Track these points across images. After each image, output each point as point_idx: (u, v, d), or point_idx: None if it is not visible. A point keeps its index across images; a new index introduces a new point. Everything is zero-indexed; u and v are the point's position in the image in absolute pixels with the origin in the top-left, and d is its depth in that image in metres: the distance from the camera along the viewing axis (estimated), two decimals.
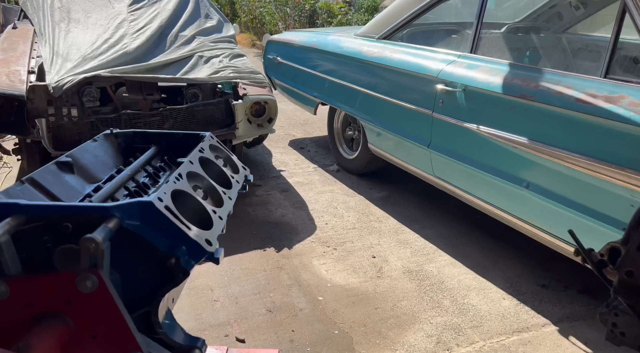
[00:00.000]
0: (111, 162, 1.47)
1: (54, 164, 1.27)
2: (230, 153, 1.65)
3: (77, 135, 3.65)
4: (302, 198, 4.20)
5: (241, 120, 3.92)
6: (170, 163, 1.57)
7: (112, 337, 0.99)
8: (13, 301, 0.94)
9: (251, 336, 2.51)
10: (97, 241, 0.92)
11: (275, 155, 5.33)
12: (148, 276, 1.09)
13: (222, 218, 1.26)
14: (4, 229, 0.93)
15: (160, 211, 1.06)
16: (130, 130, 1.62)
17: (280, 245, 3.42)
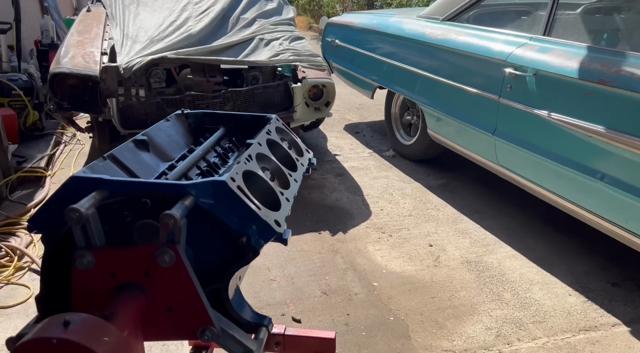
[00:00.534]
0: (182, 142, 1.50)
1: (131, 142, 1.32)
2: (294, 136, 1.65)
3: (144, 115, 3.79)
4: (357, 183, 4.18)
5: (299, 104, 3.93)
6: (237, 144, 1.59)
7: (187, 310, 1.02)
8: (98, 271, 0.99)
9: (306, 317, 2.54)
10: (176, 217, 0.94)
11: (331, 139, 5.32)
12: (219, 253, 1.11)
13: (289, 200, 1.27)
14: (90, 203, 0.98)
15: (233, 190, 1.07)
16: (200, 111, 1.66)
17: (335, 229, 3.42)
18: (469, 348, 2.34)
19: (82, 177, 1.04)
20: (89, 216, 0.96)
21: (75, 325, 0.82)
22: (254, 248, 1.08)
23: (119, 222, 1.06)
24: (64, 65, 3.48)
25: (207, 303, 1.03)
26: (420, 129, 4.40)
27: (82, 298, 1.01)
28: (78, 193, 1.03)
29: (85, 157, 4.68)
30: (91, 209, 0.97)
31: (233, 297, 1.15)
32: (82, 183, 1.04)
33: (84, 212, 0.94)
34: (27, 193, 3.90)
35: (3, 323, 2.47)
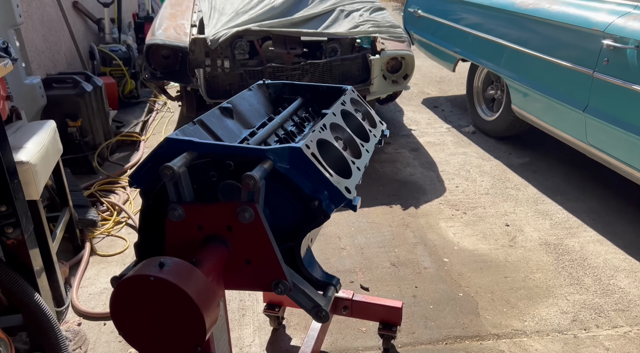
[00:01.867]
0: (263, 110, 1.59)
1: (217, 109, 1.42)
2: (369, 107, 1.68)
3: (228, 85, 3.97)
4: (432, 159, 4.11)
5: (376, 76, 3.91)
6: (314, 114, 1.65)
7: (263, 263, 1.11)
8: (188, 223, 1.10)
9: (374, 286, 2.61)
10: (256, 178, 1.02)
11: (407, 113, 5.25)
12: (294, 215, 1.19)
13: (359, 169, 1.31)
14: (182, 162, 1.08)
15: (307, 157, 1.13)
16: (280, 81, 1.73)
17: (407, 203, 3.42)
18: (541, 330, 2.29)
19: (175, 139, 1.16)
20: (180, 174, 1.07)
21: (169, 266, 0.93)
22: (324, 211, 1.14)
23: (206, 180, 1.17)
24: (157, 37, 3.72)
25: (281, 258, 1.11)
26: (504, 104, 4.21)
27: (174, 247, 1.14)
28: (171, 153, 1.15)
29: (174, 125, 5.00)
30: (182, 168, 1.07)
31: (305, 256, 1.23)
32: (175, 145, 1.16)
33: (177, 169, 1.05)
34: (124, 155, 4.27)
35: (105, 269, 2.78)
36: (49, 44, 4.49)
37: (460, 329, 2.30)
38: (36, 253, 1.95)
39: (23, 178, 2.05)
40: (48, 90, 3.70)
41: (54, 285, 2.38)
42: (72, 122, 3.76)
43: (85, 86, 3.80)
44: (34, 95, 3.54)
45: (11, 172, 1.76)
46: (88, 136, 3.87)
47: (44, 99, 3.64)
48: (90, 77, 3.97)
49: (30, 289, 1.87)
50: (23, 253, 1.90)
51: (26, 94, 3.48)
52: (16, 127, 2.41)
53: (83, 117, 3.80)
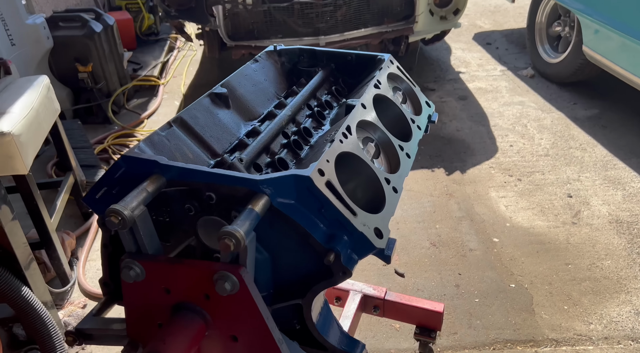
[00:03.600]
0: (272, 91, 1.18)
1: (207, 97, 1.03)
2: (411, 83, 1.24)
3: (251, 24, 3.50)
4: (483, 110, 3.59)
5: (422, 13, 3.32)
6: (338, 95, 1.23)
7: (254, 340, 0.78)
8: (150, 285, 0.77)
9: (411, 271, 2.28)
10: (238, 237, 0.66)
11: (456, 52, 4.63)
12: (302, 266, 0.84)
13: (397, 191, 0.92)
14: (138, 200, 0.73)
15: (319, 189, 0.76)
16: (296, 47, 1.31)
17: (452, 167, 2.99)
18: (610, 337, 1.93)
19: (135, 158, 0.80)
20: (135, 218, 0.72)
21: None
22: (344, 267, 0.78)
23: (181, 213, 0.82)
24: None
25: (278, 336, 0.78)
26: (573, 43, 3.56)
27: (135, 312, 0.82)
28: (131, 176, 0.80)
29: (197, 65, 4.60)
30: (139, 209, 0.72)
31: (319, 316, 0.90)
32: (136, 165, 0.80)
33: (128, 215, 0.70)
34: (143, 101, 3.96)
35: None
36: None
37: (511, 331, 1.97)
38: (19, 242, 1.70)
39: (5, 152, 1.77)
40: (54, 31, 3.34)
41: (55, 262, 2.18)
42: (82, 67, 3.42)
43: (94, 26, 3.41)
44: (38, 37, 3.20)
45: None
46: (101, 82, 3.54)
47: (50, 41, 3.30)
48: (100, 15, 3.57)
49: (17, 283, 1.65)
50: (4, 242, 1.66)
51: (28, 35, 3.14)
52: (3, 85, 2.10)
53: (94, 61, 3.45)
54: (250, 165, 0.91)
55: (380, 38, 3.45)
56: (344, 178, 0.93)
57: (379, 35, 3.44)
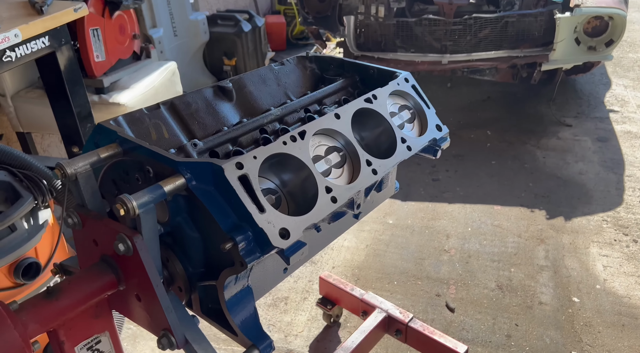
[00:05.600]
0: (281, 93, 1.27)
1: (210, 88, 1.16)
2: (426, 104, 1.21)
3: (380, 37, 3.58)
4: (622, 157, 3.11)
5: (562, 40, 3.02)
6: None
7: (151, 306, 0.89)
8: (85, 234, 0.93)
9: (464, 308, 2.13)
10: (129, 206, 0.78)
11: (616, 88, 4.06)
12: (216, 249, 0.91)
13: (335, 201, 0.93)
14: (86, 161, 0.89)
15: (228, 181, 0.83)
16: (327, 56, 1.36)
17: (557, 211, 2.67)
18: None
19: (103, 127, 0.97)
20: (77, 176, 0.88)
21: None
22: (241, 258, 0.83)
23: (134, 182, 0.97)
24: None
25: (167, 304, 0.86)
26: None
27: (80, 253, 0.99)
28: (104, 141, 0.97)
29: None
30: (83, 168, 0.88)
31: (235, 299, 0.96)
32: (105, 133, 0.97)
33: (70, 172, 0.86)
34: None
35: None
36: None
37: None
38: None
39: None
40: (213, 27, 3.87)
41: None
42: (227, 61, 3.90)
43: (244, 26, 3.86)
44: (197, 31, 3.74)
45: (83, 117, 1.83)
46: None
47: (207, 35, 3.82)
48: (252, 17, 4.02)
49: None
50: None
51: (189, 29, 3.70)
52: (141, 66, 2.55)
53: (238, 56, 3.90)
54: (207, 151, 1.01)
55: (509, 62, 3.24)
56: (286, 177, 0.98)
57: (508, 59, 3.23)
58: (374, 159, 1.04)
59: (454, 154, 3.29)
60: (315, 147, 1.01)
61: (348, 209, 1.04)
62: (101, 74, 2.20)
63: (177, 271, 0.96)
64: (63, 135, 1.80)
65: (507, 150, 3.30)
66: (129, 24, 2.43)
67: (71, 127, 1.73)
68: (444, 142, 1.20)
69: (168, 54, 3.45)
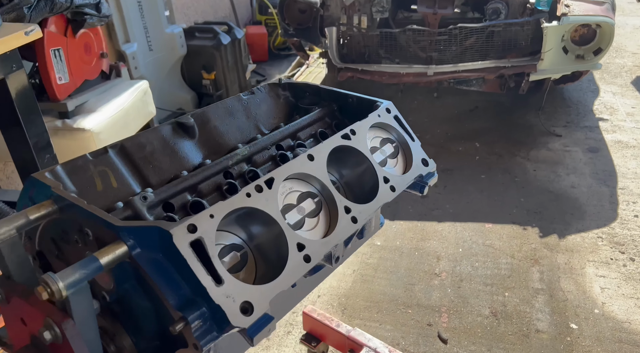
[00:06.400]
0: (251, 126, 1.14)
1: (168, 125, 1.03)
2: (410, 137, 1.09)
3: (364, 48, 3.48)
4: (614, 168, 3.03)
5: (550, 49, 2.93)
6: (321, 139, 1.13)
7: None
8: (11, 311, 0.79)
9: (457, 339, 2.01)
10: (53, 288, 0.64)
11: (604, 96, 3.99)
12: (157, 331, 0.78)
13: (309, 260, 0.80)
14: (11, 224, 0.75)
15: (177, 248, 0.69)
16: (302, 82, 1.24)
17: (550, 228, 2.57)
18: None
19: (36, 181, 0.83)
20: (1, 245, 0.74)
21: None
22: (195, 341, 0.70)
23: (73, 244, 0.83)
24: None
25: None
26: None
27: (11, 328, 0.84)
28: (38, 197, 0.83)
29: (318, 82, 4.73)
30: (7, 233, 0.74)
31: None
32: (39, 187, 0.83)
33: None
34: None
35: None
36: None
37: None
38: None
39: (85, 146, 2.02)
40: (190, 40, 3.73)
41: None
42: (206, 75, 3.76)
43: (223, 38, 3.72)
44: (174, 45, 3.60)
45: (41, 147, 1.68)
46: (221, 90, 3.85)
47: (184, 49, 3.68)
48: (231, 29, 3.89)
49: None
50: None
51: (166, 42, 3.55)
52: (110, 86, 2.40)
53: (217, 70, 3.77)
54: (160, 204, 0.88)
55: (496, 73, 3.15)
56: (253, 231, 0.85)
57: (495, 69, 3.14)
58: (354, 204, 0.91)
59: (443, 168, 3.18)
60: (286, 195, 0.88)
61: (325, 263, 0.92)
62: (65, 97, 2.06)
63: (126, 346, 0.83)
64: (18, 168, 1.66)
65: (496, 163, 3.20)
66: (96, 42, 2.28)
67: (27, 159, 1.58)
68: (431, 178, 1.08)
69: (143, 70, 3.31)
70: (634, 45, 5.01)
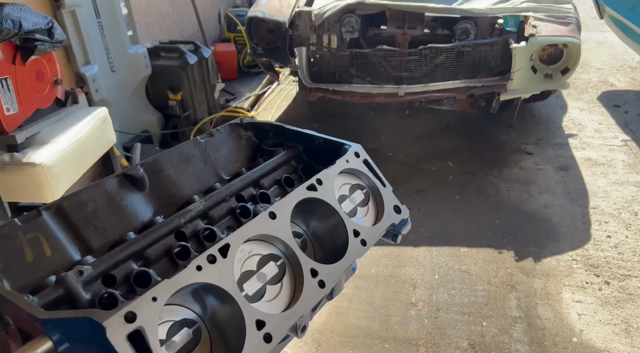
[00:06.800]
0: (209, 173, 1.04)
1: (114, 179, 0.92)
2: (382, 182, 1.01)
3: (335, 67, 3.43)
4: (585, 186, 3.04)
5: (519, 69, 2.93)
6: (286, 187, 1.05)
7: None
8: None
9: None
10: None
11: (572, 112, 4.04)
12: None
13: (269, 340, 0.71)
14: None
15: (111, 345, 0.59)
16: (266, 122, 1.15)
17: (525, 251, 2.54)
18: None
19: None
20: None
21: None
22: None
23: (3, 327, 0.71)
24: (259, 9, 3.31)
25: None
26: None
27: None
28: None
29: (289, 100, 4.65)
30: None
31: None
32: None
33: None
34: None
35: None
36: (176, 7, 4.43)
37: None
38: None
39: (36, 181, 1.88)
40: (155, 60, 3.60)
41: None
42: (172, 95, 3.64)
43: (189, 58, 3.61)
44: (137, 65, 3.47)
45: None
46: (188, 110, 3.73)
47: (149, 69, 3.55)
48: (198, 48, 3.78)
49: None
50: None
51: (129, 63, 3.42)
52: (65, 114, 2.26)
53: (184, 90, 3.65)
54: (99, 278, 0.77)
55: (467, 92, 3.13)
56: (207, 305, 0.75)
57: (466, 89, 3.13)
58: (321, 266, 0.83)
59: (417, 189, 3.14)
60: (245, 260, 0.79)
61: (290, 333, 0.82)
62: (13, 128, 1.92)
63: None
64: None
65: (469, 182, 3.18)
66: (49, 68, 2.15)
67: None
68: (404, 227, 1.01)
69: (105, 92, 3.16)
70: (598, 60, 5.12)
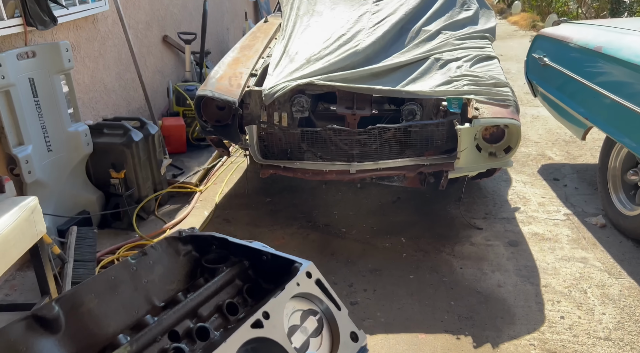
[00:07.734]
0: (140, 301, 0.92)
1: (20, 323, 0.78)
2: (336, 305, 0.92)
3: (286, 144, 3.40)
4: (535, 263, 3.07)
5: (465, 149, 3.02)
6: (229, 315, 0.93)
7: None
8: None
9: None
10: None
11: (516, 185, 4.18)
12: None
13: None
14: None
15: None
16: (207, 233, 1.06)
17: (483, 336, 2.47)
18: None
19: None
20: None
21: None
22: None
23: None
24: (208, 88, 3.28)
25: None
26: None
27: None
28: None
29: (240, 172, 4.57)
30: None
31: None
32: None
33: None
34: (175, 208, 3.91)
35: None
36: (123, 81, 4.35)
37: None
38: None
39: None
40: (98, 137, 3.46)
41: None
42: (115, 173, 3.47)
43: (134, 135, 3.49)
44: (77, 144, 3.31)
45: None
46: (132, 188, 3.55)
47: (90, 147, 3.39)
48: (144, 124, 3.68)
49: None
50: None
51: (68, 142, 3.25)
52: None
53: (128, 168, 3.49)
54: None
55: (416, 170, 3.17)
56: None
57: (415, 167, 3.17)
58: None
59: (371, 269, 3.06)
60: None
61: None
62: None
63: None
64: None
65: (423, 260, 3.14)
66: None
67: None
68: None
69: (39, 173, 2.96)
70: (535, 134, 5.42)
